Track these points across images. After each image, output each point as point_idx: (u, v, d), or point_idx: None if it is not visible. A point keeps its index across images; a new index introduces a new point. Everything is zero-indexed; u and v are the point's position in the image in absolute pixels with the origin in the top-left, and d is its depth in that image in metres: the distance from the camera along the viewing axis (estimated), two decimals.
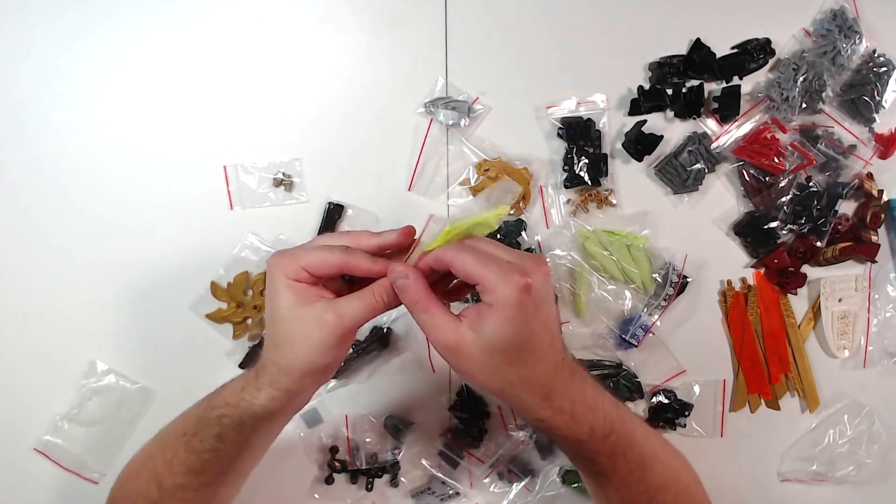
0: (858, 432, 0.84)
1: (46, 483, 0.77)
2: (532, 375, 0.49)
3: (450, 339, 0.47)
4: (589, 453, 0.52)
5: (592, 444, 0.52)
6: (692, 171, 0.80)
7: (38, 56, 0.76)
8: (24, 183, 0.76)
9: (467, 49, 0.79)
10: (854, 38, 0.80)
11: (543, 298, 0.47)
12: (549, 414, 0.50)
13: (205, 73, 0.78)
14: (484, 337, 0.47)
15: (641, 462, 0.54)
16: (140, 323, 0.78)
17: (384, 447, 0.80)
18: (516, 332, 0.46)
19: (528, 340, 0.47)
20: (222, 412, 0.54)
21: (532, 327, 0.47)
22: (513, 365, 0.48)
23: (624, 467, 0.53)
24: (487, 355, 0.47)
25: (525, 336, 0.47)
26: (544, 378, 0.49)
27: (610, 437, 0.52)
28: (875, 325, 0.85)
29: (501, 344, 0.47)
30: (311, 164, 0.79)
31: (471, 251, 0.48)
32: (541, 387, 0.49)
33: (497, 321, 0.46)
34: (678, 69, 0.80)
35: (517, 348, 0.47)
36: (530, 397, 0.49)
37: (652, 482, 0.55)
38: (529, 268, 0.47)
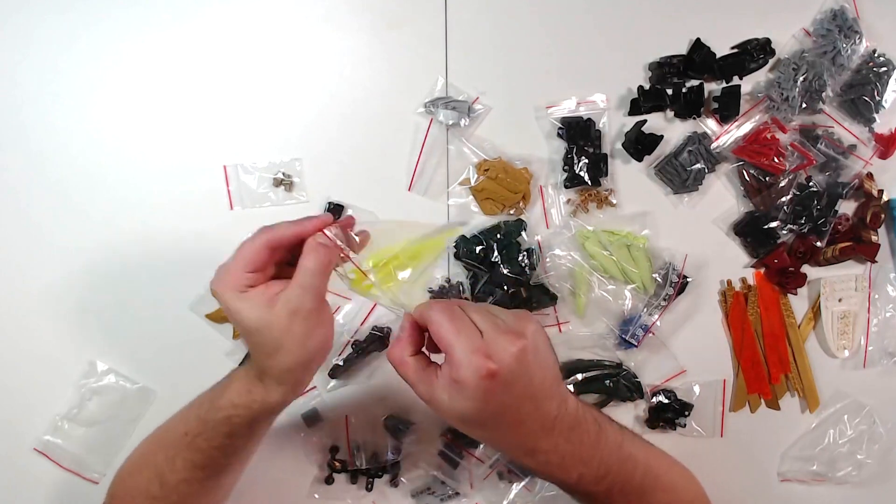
0: (859, 432, 0.84)
1: (46, 483, 0.77)
2: (508, 439, 0.49)
3: (424, 395, 0.48)
4: (583, 494, 0.53)
5: (583, 487, 0.52)
6: (692, 171, 0.80)
7: (38, 56, 0.76)
8: (24, 183, 0.76)
9: (467, 49, 0.79)
10: (854, 38, 0.80)
11: (518, 375, 0.46)
12: (533, 466, 0.50)
13: (205, 72, 0.78)
14: (451, 406, 0.46)
15: (642, 493, 0.54)
16: (140, 323, 0.78)
17: (384, 447, 0.80)
18: (481, 409, 0.46)
19: (499, 415, 0.47)
20: (231, 413, 0.54)
21: (502, 404, 0.46)
22: (486, 430, 0.48)
23: (622, 500, 0.53)
24: (458, 420, 0.48)
25: (493, 413, 0.46)
26: (524, 440, 0.49)
27: (605, 478, 0.52)
28: (875, 325, 0.84)
29: (468, 416, 0.47)
30: (311, 164, 0.79)
31: (449, 312, 0.47)
32: (520, 447, 0.49)
33: (461, 398, 0.46)
34: (678, 69, 0.80)
35: (485, 421, 0.47)
36: (510, 454, 0.50)
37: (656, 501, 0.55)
38: (500, 347, 0.45)
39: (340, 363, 0.78)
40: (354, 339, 0.79)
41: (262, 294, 0.51)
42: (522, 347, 0.46)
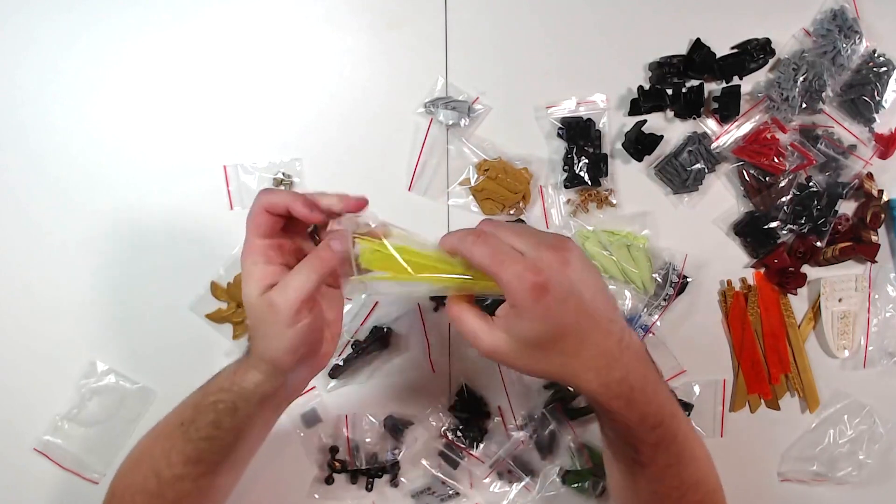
0: (859, 432, 0.84)
1: (46, 483, 0.77)
2: (579, 362, 0.48)
3: (487, 344, 0.48)
4: (633, 441, 0.52)
5: (640, 433, 0.51)
6: (692, 171, 0.80)
7: (38, 56, 0.76)
8: (24, 183, 0.76)
9: (467, 49, 0.79)
10: (854, 38, 0.80)
11: (569, 290, 0.46)
12: (606, 398, 0.49)
13: (205, 73, 0.78)
14: (516, 337, 0.47)
15: (680, 458, 0.54)
16: (140, 323, 0.78)
17: (384, 447, 0.80)
18: (545, 328, 0.46)
19: (563, 333, 0.46)
20: (217, 398, 0.55)
21: (562, 320, 0.46)
22: (556, 355, 0.47)
23: (663, 461, 0.53)
24: (525, 352, 0.47)
25: (557, 330, 0.46)
26: (596, 362, 0.48)
27: (658, 428, 0.51)
28: (875, 325, 0.84)
29: (535, 341, 0.47)
30: (311, 164, 0.79)
31: (487, 245, 0.47)
32: (593, 371, 0.48)
33: (522, 322, 0.46)
34: (678, 69, 0.80)
35: (553, 341, 0.47)
36: (584, 383, 0.49)
37: (685, 479, 0.55)
38: (545, 261, 0.45)
39: (340, 363, 0.78)
40: (354, 339, 0.79)
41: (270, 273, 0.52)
42: (565, 258, 0.46)
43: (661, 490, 0.55)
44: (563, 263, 0.46)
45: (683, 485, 0.55)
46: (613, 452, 0.57)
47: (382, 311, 0.80)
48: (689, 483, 0.56)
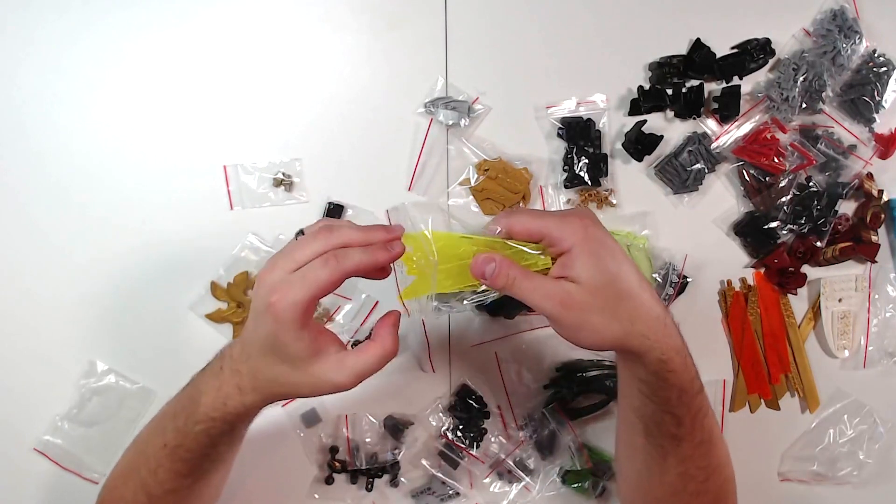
0: (859, 432, 0.84)
1: (46, 483, 0.77)
2: (643, 307, 0.49)
3: (560, 296, 0.48)
4: (682, 409, 0.52)
5: (689, 398, 0.52)
6: (692, 171, 0.80)
7: (38, 56, 0.76)
8: (25, 183, 0.76)
9: (467, 49, 0.79)
10: (854, 38, 0.80)
11: (606, 233, 0.50)
12: (672, 354, 0.50)
13: (205, 73, 0.78)
14: (584, 280, 0.48)
15: (711, 434, 0.55)
16: (140, 323, 0.78)
17: (384, 447, 0.80)
18: (604, 263, 0.48)
19: (619, 270, 0.49)
20: (209, 425, 0.52)
21: (616, 256, 0.49)
22: (621, 298, 0.49)
23: (699, 435, 0.54)
24: (597, 297, 0.48)
25: (614, 266, 0.49)
26: (658, 309, 0.50)
27: (700, 394, 0.53)
28: (875, 325, 0.85)
29: (599, 279, 0.48)
30: (311, 164, 0.79)
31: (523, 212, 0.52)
32: (657, 320, 0.50)
33: (582, 260, 0.48)
34: (678, 69, 0.80)
35: (615, 280, 0.48)
36: (653, 332, 0.50)
37: (712, 460, 0.56)
38: (578, 213, 0.51)
39: None
40: (354, 339, 0.79)
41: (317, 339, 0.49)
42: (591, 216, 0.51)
43: (689, 471, 0.55)
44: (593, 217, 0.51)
45: (710, 465, 0.56)
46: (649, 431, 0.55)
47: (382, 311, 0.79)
48: (714, 465, 0.56)
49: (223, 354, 0.54)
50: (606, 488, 0.81)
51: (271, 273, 0.47)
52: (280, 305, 0.46)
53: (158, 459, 0.55)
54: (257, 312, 0.48)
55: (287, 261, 0.48)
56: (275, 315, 0.46)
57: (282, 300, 0.46)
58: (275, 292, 0.46)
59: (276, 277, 0.47)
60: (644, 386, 0.52)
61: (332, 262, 0.47)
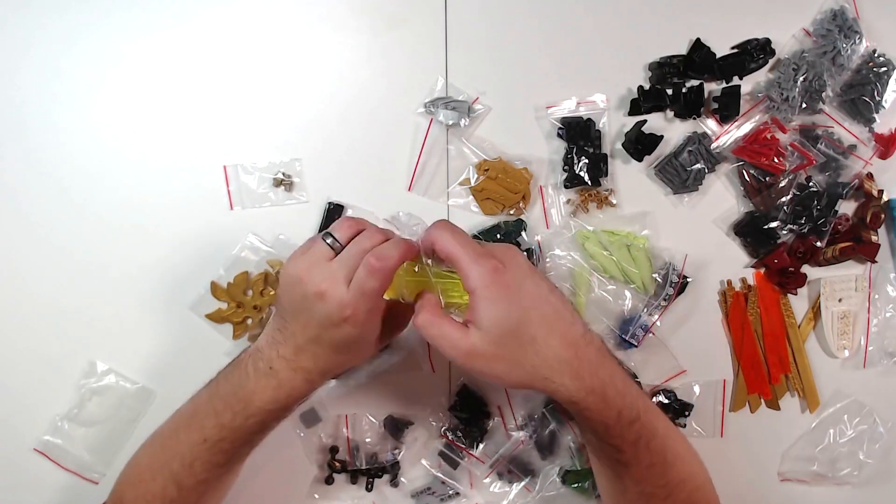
0: (859, 432, 0.84)
1: (46, 483, 0.77)
2: (550, 353, 0.49)
3: (464, 345, 0.49)
4: (615, 440, 0.52)
5: (619, 430, 0.51)
6: (692, 171, 0.80)
7: (38, 56, 0.76)
8: (25, 183, 0.76)
9: (467, 49, 0.79)
10: (854, 38, 0.80)
11: (524, 275, 0.49)
12: (582, 395, 0.50)
13: (205, 73, 0.78)
14: (484, 328, 0.48)
15: (663, 455, 0.54)
16: (140, 323, 0.78)
17: (384, 447, 0.80)
18: (507, 309, 0.48)
19: (526, 317, 0.48)
20: (264, 417, 0.56)
21: (522, 304, 0.48)
22: (522, 346, 0.48)
23: (647, 459, 0.53)
24: (498, 345, 0.48)
25: (519, 313, 0.48)
26: (565, 353, 0.49)
27: (636, 423, 0.52)
28: (875, 325, 0.84)
29: (502, 328, 0.48)
30: (311, 164, 0.79)
31: (450, 232, 0.50)
32: (566, 363, 0.49)
33: (484, 305, 0.48)
34: (678, 69, 0.80)
35: (519, 327, 0.48)
36: (559, 377, 0.49)
37: (671, 477, 0.55)
38: (497, 253, 0.50)
39: None
40: None
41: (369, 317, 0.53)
42: (514, 253, 0.51)
43: (647, 490, 0.55)
44: (513, 256, 0.51)
45: (669, 483, 0.55)
46: (598, 456, 0.57)
47: None
48: (675, 481, 0.56)
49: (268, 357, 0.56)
50: None
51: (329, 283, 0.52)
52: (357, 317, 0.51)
53: (195, 453, 0.57)
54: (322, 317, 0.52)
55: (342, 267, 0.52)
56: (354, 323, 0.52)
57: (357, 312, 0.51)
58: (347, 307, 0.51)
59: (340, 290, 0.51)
60: (575, 418, 0.54)
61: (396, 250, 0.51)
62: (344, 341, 0.53)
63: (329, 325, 0.52)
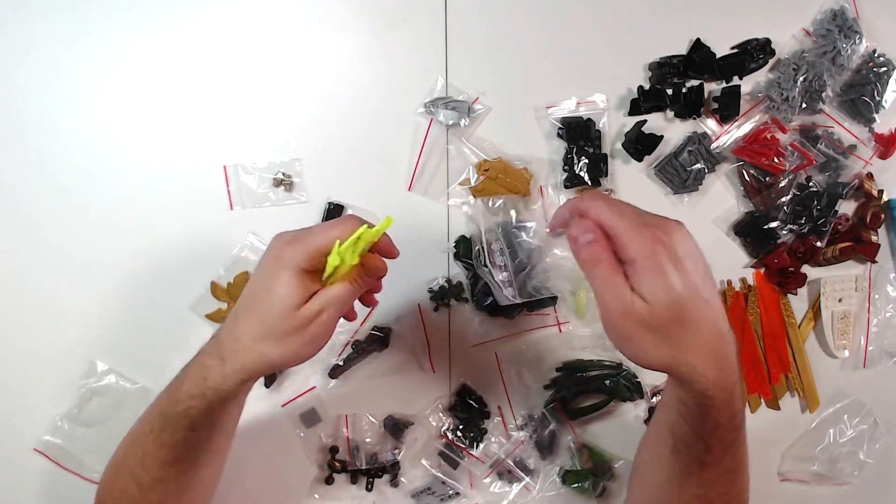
0: (859, 432, 0.84)
1: (46, 483, 0.77)
2: (701, 340, 0.46)
3: (622, 303, 0.46)
4: (714, 440, 0.50)
5: (724, 432, 0.50)
6: (692, 171, 0.80)
7: (38, 56, 0.76)
8: (24, 183, 0.76)
9: (467, 49, 0.79)
10: (854, 38, 0.80)
11: (688, 252, 0.46)
12: (716, 391, 0.47)
13: (205, 73, 0.78)
14: (645, 296, 0.45)
15: (739, 465, 0.53)
16: (140, 323, 0.78)
17: (384, 447, 0.80)
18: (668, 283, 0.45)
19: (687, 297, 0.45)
20: (188, 405, 0.53)
21: (684, 281, 0.45)
22: (680, 326, 0.46)
23: (727, 464, 0.52)
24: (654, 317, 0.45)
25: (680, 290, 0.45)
26: (715, 345, 0.47)
27: (738, 429, 0.51)
28: (875, 325, 0.85)
29: (663, 300, 0.45)
30: (311, 164, 0.79)
31: (604, 200, 0.48)
32: (714, 355, 0.47)
33: (644, 277, 0.45)
34: (678, 69, 0.80)
35: (679, 305, 0.45)
36: (702, 365, 0.47)
37: (734, 487, 0.54)
38: (661, 224, 0.47)
39: (340, 363, 0.78)
40: (354, 339, 0.79)
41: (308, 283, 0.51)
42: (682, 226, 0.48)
43: (708, 495, 0.53)
44: (678, 228, 0.47)
45: (730, 493, 0.54)
46: (677, 449, 0.53)
47: (382, 311, 0.80)
48: (735, 492, 0.54)
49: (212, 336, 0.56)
50: (606, 488, 0.81)
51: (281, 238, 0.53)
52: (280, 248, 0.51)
53: (145, 446, 0.56)
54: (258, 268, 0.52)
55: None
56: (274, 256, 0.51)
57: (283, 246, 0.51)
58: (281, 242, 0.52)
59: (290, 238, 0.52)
60: (683, 408, 0.50)
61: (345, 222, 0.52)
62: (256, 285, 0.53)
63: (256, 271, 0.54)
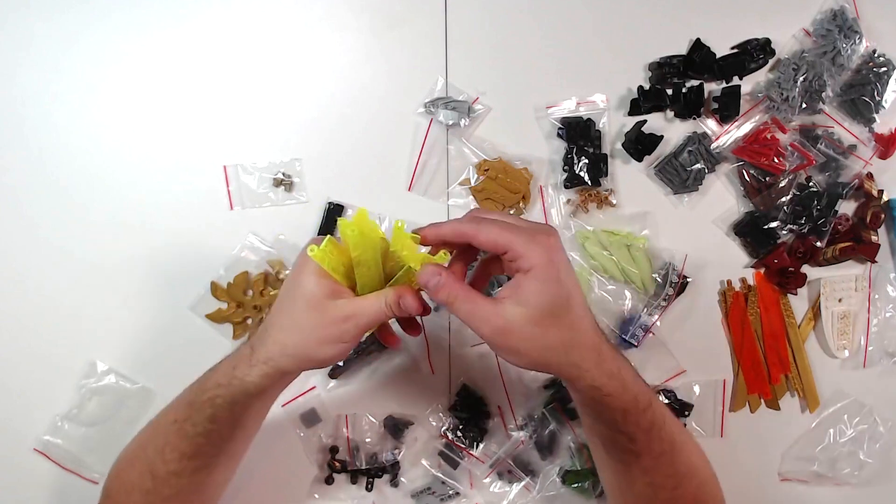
0: (859, 432, 0.84)
1: (46, 483, 0.77)
2: (581, 337, 0.49)
3: (496, 322, 0.48)
4: (631, 427, 0.52)
5: (636, 416, 0.52)
6: (692, 171, 0.80)
7: (38, 56, 0.76)
8: (25, 183, 0.76)
9: (467, 49, 0.79)
10: (854, 38, 0.80)
11: (564, 257, 0.49)
12: (605, 380, 0.50)
13: (205, 73, 0.78)
14: (529, 306, 0.47)
15: (672, 444, 0.55)
16: (140, 323, 0.78)
17: (384, 447, 0.80)
18: (557, 291, 0.48)
19: (568, 299, 0.48)
20: (214, 393, 0.54)
21: (568, 284, 0.48)
22: (561, 328, 0.48)
23: (658, 447, 0.54)
24: (535, 325, 0.47)
25: (565, 294, 0.48)
26: (593, 339, 0.50)
27: (649, 409, 0.52)
28: (875, 325, 0.84)
29: (546, 307, 0.47)
30: (311, 164, 0.79)
31: (491, 221, 0.49)
32: (593, 349, 0.50)
33: (537, 285, 0.47)
34: (678, 69, 0.80)
35: (561, 309, 0.48)
36: (585, 361, 0.49)
37: (678, 468, 0.56)
38: (544, 230, 0.49)
39: (340, 363, 0.78)
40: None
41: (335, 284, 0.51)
42: (556, 234, 0.50)
43: (656, 480, 0.55)
44: (556, 235, 0.50)
45: (678, 473, 0.56)
46: (607, 448, 0.56)
47: None
48: (683, 471, 0.56)
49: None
50: None
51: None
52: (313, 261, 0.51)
53: (167, 436, 0.56)
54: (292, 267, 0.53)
55: None
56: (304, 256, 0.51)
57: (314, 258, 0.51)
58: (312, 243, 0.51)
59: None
60: (587, 408, 0.53)
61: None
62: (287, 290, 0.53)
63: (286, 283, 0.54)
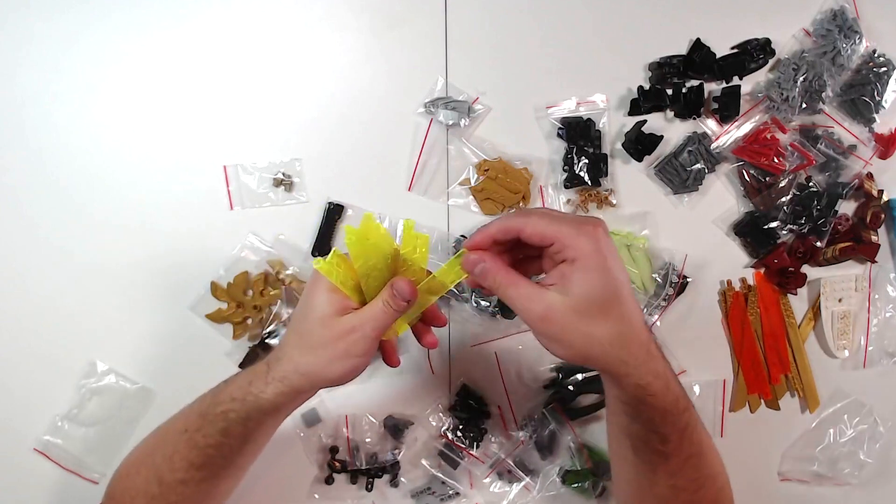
0: (859, 432, 0.84)
1: (46, 483, 0.77)
2: (631, 332, 0.48)
3: (539, 308, 0.47)
4: (667, 428, 0.51)
5: (674, 418, 0.51)
6: (692, 171, 0.80)
7: (38, 56, 0.76)
8: (25, 183, 0.76)
9: (467, 49, 0.79)
10: (854, 38, 0.80)
11: (613, 248, 0.48)
12: (651, 379, 0.48)
13: (205, 73, 0.78)
14: (574, 295, 0.46)
15: (700, 447, 0.54)
16: (140, 323, 0.78)
17: (384, 447, 0.80)
18: (604, 281, 0.46)
19: (617, 290, 0.47)
20: (228, 407, 0.54)
21: (617, 274, 0.47)
22: (609, 321, 0.47)
23: (687, 450, 0.53)
24: (579, 315, 0.46)
25: (613, 285, 0.46)
26: (644, 335, 0.48)
27: (686, 413, 0.51)
28: (875, 325, 0.85)
29: (592, 298, 0.46)
30: (311, 164, 0.79)
31: (538, 214, 0.48)
32: (642, 346, 0.48)
33: (584, 274, 0.46)
34: (678, 69, 0.80)
35: (609, 301, 0.46)
36: (634, 358, 0.48)
37: (703, 472, 0.55)
38: (591, 222, 0.48)
39: None
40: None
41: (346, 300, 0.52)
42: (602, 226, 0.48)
43: (679, 483, 0.54)
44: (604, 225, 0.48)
45: (701, 477, 0.55)
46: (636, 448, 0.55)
47: None
48: (705, 476, 0.56)
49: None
50: (606, 488, 0.81)
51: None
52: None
53: (176, 444, 0.56)
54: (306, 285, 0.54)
55: None
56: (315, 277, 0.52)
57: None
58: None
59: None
60: (627, 407, 0.52)
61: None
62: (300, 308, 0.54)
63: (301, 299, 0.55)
